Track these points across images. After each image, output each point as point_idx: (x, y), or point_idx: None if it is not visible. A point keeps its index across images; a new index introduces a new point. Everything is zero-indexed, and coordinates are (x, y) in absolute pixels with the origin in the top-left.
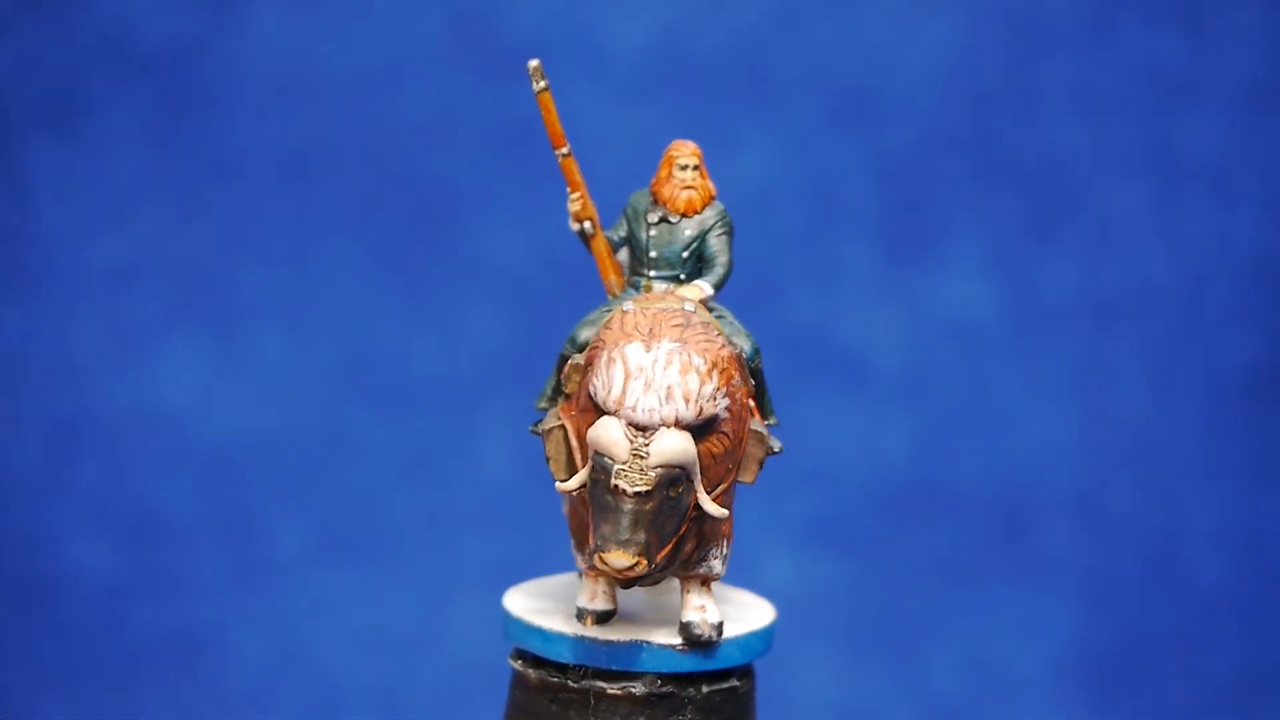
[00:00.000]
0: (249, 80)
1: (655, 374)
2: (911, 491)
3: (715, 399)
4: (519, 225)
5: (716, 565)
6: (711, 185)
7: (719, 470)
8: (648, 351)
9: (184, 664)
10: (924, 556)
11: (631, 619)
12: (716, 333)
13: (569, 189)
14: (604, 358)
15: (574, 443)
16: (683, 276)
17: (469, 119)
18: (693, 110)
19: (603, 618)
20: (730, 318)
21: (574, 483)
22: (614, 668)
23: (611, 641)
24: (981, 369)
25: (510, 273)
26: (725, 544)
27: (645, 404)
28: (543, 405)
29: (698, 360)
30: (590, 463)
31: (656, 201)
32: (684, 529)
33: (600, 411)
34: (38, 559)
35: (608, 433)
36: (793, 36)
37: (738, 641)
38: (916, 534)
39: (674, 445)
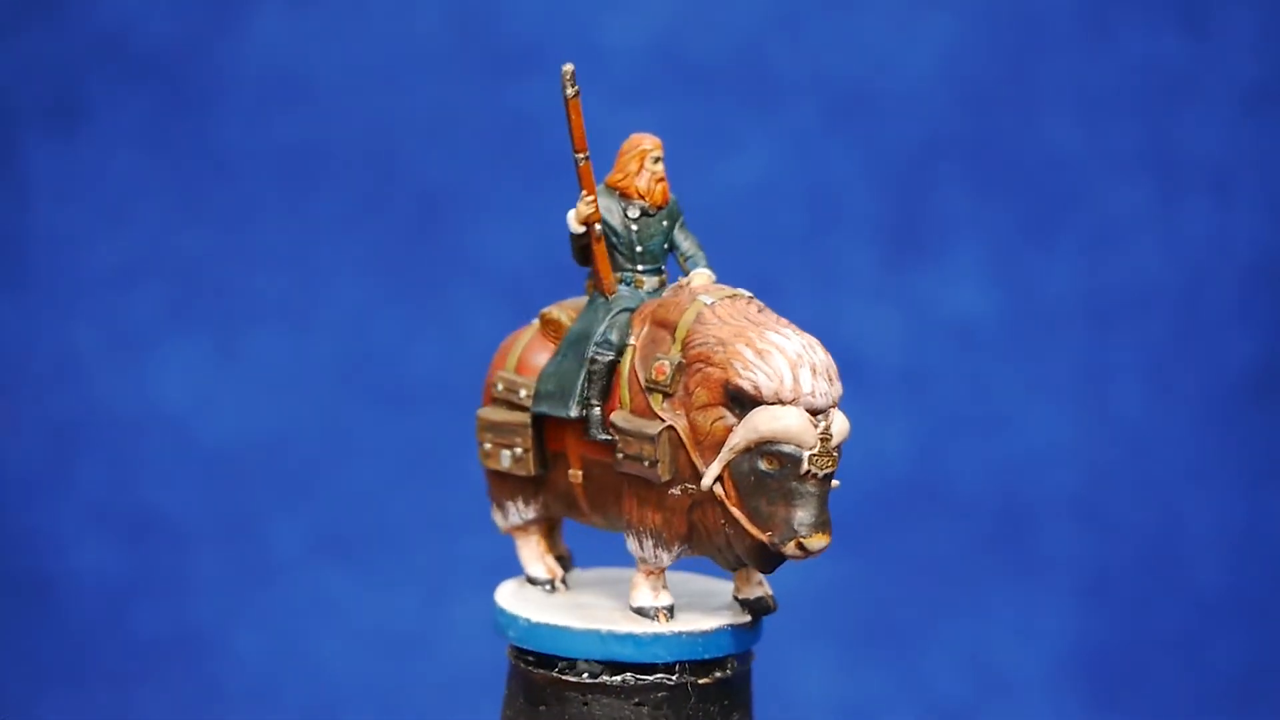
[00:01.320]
0: (249, 80)
1: (814, 358)
2: (911, 491)
3: None
4: (519, 225)
5: None
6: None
7: None
8: (788, 339)
9: (184, 664)
10: (924, 556)
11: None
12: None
13: (584, 192)
14: (748, 351)
15: (686, 440)
16: (663, 269)
17: (469, 119)
18: (692, 110)
19: (671, 611)
20: None
21: (710, 478)
22: (706, 657)
23: (704, 631)
24: (981, 369)
25: (510, 273)
26: None
27: (820, 389)
28: (578, 412)
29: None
30: (760, 454)
31: (627, 195)
32: None
33: (740, 405)
34: (38, 559)
35: (795, 422)
36: (792, 36)
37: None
38: (916, 534)
39: (845, 424)
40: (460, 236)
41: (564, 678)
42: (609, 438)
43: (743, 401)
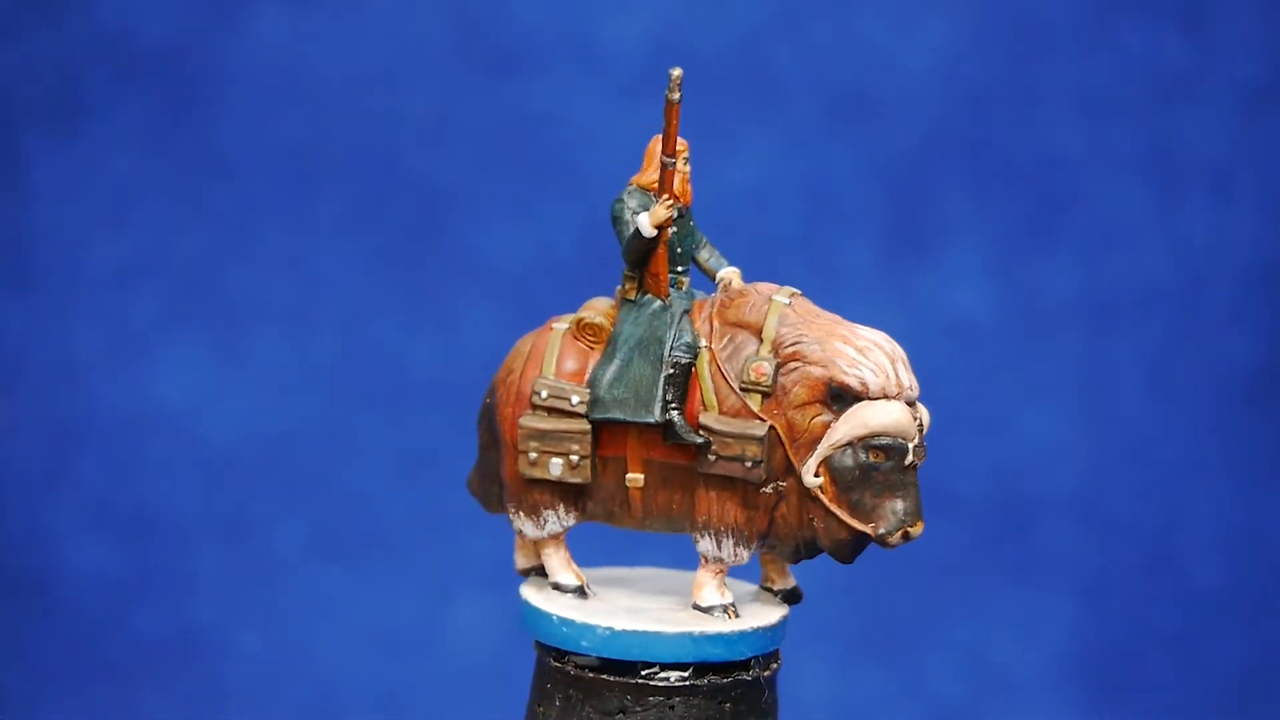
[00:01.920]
0: (249, 80)
1: (900, 353)
2: None
3: None
4: (518, 225)
5: None
6: None
7: None
8: (875, 334)
9: (184, 664)
10: (924, 556)
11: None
12: None
13: (665, 195)
14: (849, 349)
15: (784, 438)
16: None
17: (469, 119)
18: (692, 110)
19: (736, 609)
20: None
21: (811, 474)
22: (770, 649)
23: (772, 625)
24: (981, 369)
25: (510, 273)
26: None
27: (913, 382)
28: (661, 416)
29: None
30: (865, 448)
31: (658, 197)
32: None
33: (840, 401)
34: (38, 559)
35: (901, 415)
36: (793, 37)
37: None
38: None
39: (928, 415)
40: (461, 236)
41: (651, 683)
42: (701, 439)
43: (844, 398)
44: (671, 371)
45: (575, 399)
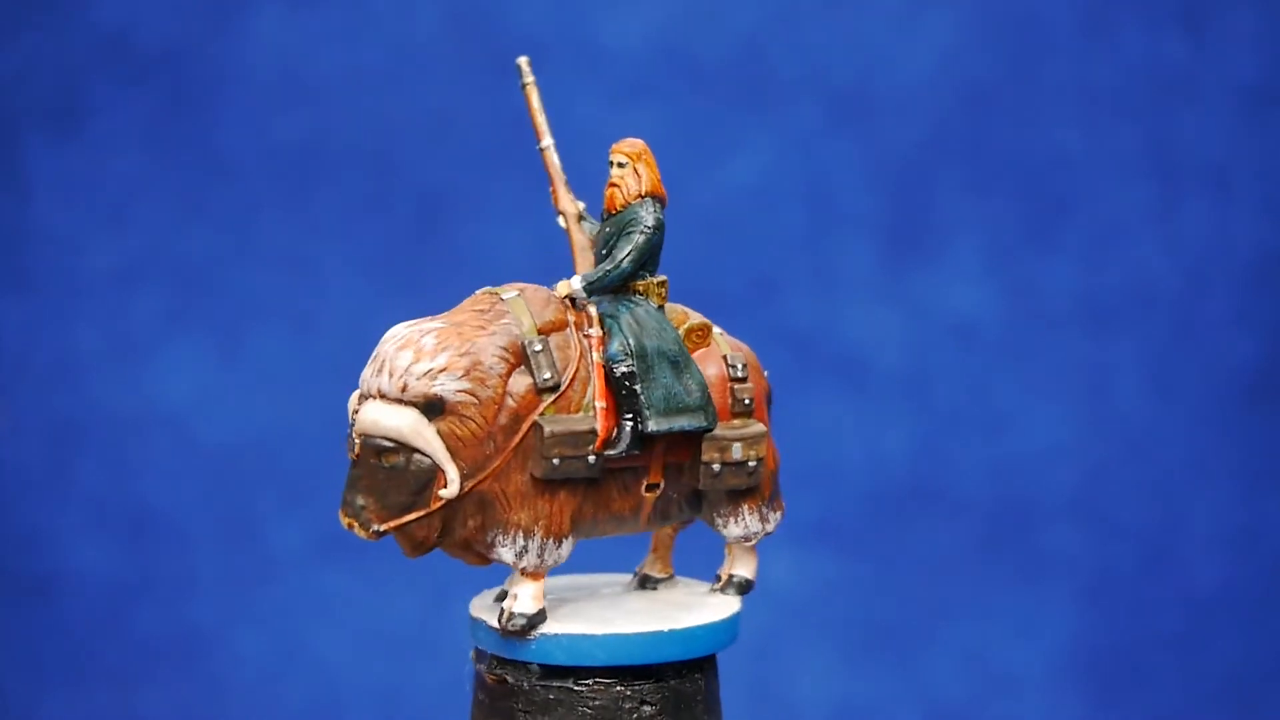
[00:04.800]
0: (249, 81)
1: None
2: (912, 492)
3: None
4: (518, 225)
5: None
6: (636, 185)
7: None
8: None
9: (184, 664)
10: (924, 556)
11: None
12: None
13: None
14: None
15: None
16: None
17: (469, 119)
18: (692, 110)
19: None
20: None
21: None
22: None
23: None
24: (981, 369)
25: (510, 273)
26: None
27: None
28: None
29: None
30: None
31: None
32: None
33: None
34: (39, 559)
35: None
36: (792, 37)
37: None
38: (916, 534)
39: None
40: (460, 236)
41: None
42: None
43: None
44: None
45: None
